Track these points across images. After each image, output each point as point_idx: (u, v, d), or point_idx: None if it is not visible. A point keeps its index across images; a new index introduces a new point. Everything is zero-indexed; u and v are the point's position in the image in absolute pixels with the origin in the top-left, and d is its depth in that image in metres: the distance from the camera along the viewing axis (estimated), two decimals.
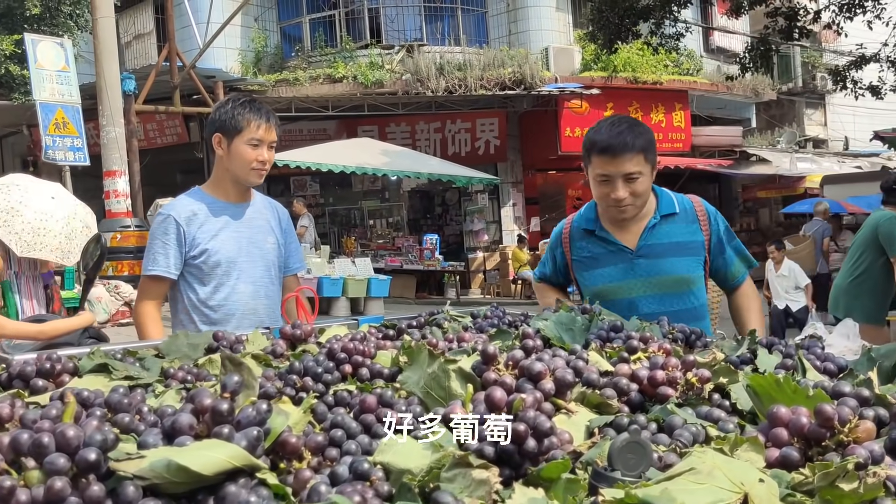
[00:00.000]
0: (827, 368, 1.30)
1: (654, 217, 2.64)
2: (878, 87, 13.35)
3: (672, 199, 2.70)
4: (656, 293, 2.62)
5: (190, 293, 2.79)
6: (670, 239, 2.63)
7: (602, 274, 2.69)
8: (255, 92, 15.57)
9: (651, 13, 12.62)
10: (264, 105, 2.83)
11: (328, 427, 1.02)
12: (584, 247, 2.74)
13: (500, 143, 18.02)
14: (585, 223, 2.76)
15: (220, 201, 2.83)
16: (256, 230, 2.88)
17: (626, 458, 0.87)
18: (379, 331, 1.80)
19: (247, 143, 2.74)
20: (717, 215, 2.73)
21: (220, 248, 2.77)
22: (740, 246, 2.77)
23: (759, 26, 14.90)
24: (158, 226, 2.77)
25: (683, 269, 2.63)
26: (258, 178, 2.81)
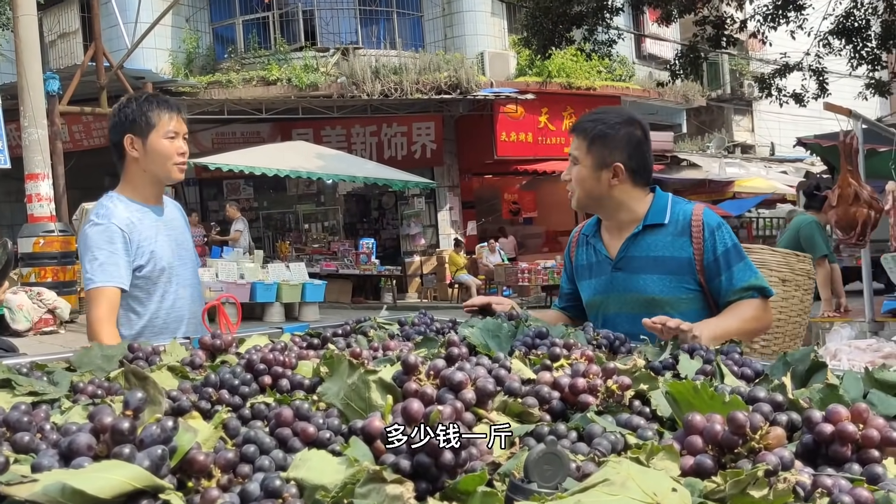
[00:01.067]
0: (744, 373, 1.32)
1: (638, 226, 2.38)
2: (801, 94, 13.81)
3: (666, 207, 2.39)
4: (630, 312, 2.32)
5: (137, 308, 2.62)
6: (649, 253, 2.35)
7: (589, 285, 2.49)
8: (186, 94, 15.28)
9: (584, 20, 12.82)
10: (168, 97, 2.73)
11: (241, 442, 0.99)
12: (582, 254, 2.56)
13: (437, 147, 18.05)
14: (587, 228, 2.57)
15: (145, 206, 2.69)
16: (178, 231, 2.79)
17: (542, 469, 0.86)
18: (303, 339, 1.76)
19: (164, 137, 2.60)
20: (720, 230, 2.32)
21: (162, 253, 2.65)
22: (750, 270, 2.32)
23: (689, 34, 15.27)
24: (100, 234, 2.55)
25: (658, 288, 2.31)
26: (180, 173, 2.68)
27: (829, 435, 0.95)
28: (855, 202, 5.11)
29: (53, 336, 10.10)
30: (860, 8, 13.30)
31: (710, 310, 2.35)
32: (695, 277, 2.31)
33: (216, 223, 16.55)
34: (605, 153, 2.33)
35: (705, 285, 2.32)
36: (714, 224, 2.32)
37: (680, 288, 2.31)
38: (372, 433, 1.02)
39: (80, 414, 1.13)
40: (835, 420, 0.96)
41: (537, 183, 21.48)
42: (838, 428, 0.94)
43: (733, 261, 2.30)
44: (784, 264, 3.57)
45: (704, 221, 2.32)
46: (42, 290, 10.22)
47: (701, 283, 2.32)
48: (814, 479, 0.85)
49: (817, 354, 1.30)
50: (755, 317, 2.27)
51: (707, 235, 2.30)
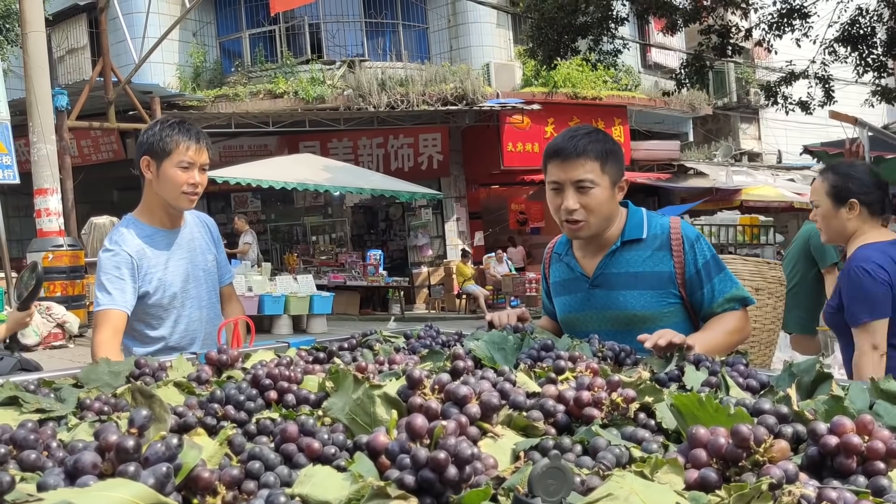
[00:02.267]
0: (749, 385, 1.32)
1: (616, 243, 2.33)
2: (807, 102, 13.78)
3: (643, 222, 2.36)
4: (610, 329, 2.28)
5: (149, 332, 2.67)
6: (628, 269, 2.31)
7: (564, 302, 2.45)
8: (194, 108, 15.35)
9: (589, 30, 12.83)
10: (194, 126, 2.72)
11: (246, 459, 0.99)
12: (556, 271, 2.51)
13: (443, 158, 18.08)
14: (559, 246, 2.53)
15: (159, 230, 2.72)
16: (197, 251, 2.81)
17: (546, 483, 0.86)
18: (309, 354, 1.77)
19: (177, 166, 2.61)
20: (699, 242, 2.32)
21: (173, 279, 2.68)
22: (730, 281, 2.32)
23: (695, 43, 15.28)
24: (109, 261, 2.60)
25: (639, 304, 2.28)
26: (189, 203, 2.69)
27: (834, 447, 0.95)
28: None
29: (63, 350, 10.13)
30: (865, 15, 13.28)
31: (691, 322, 2.34)
32: (675, 291, 2.30)
33: (224, 236, 16.57)
34: (617, 169, 2.28)
35: (686, 298, 2.31)
36: (693, 236, 2.32)
37: (661, 302, 2.28)
38: (376, 448, 1.02)
39: (87, 431, 1.14)
40: (840, 432, 0.95)
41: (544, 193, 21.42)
42: (843, 440, 0.94)
43: (714, 272, 2.29)
44: (756, 273, 3.58)
45: (683, 234, 2.31)
46: (51, 305, 10.26)
47: (681, 296, 2.31)
48: (819, 492, 0.85)
49: (822, 365, 1.30)
50: (737, 328, 2.28)
51: (687, 248, 2.29)
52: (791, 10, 13.28)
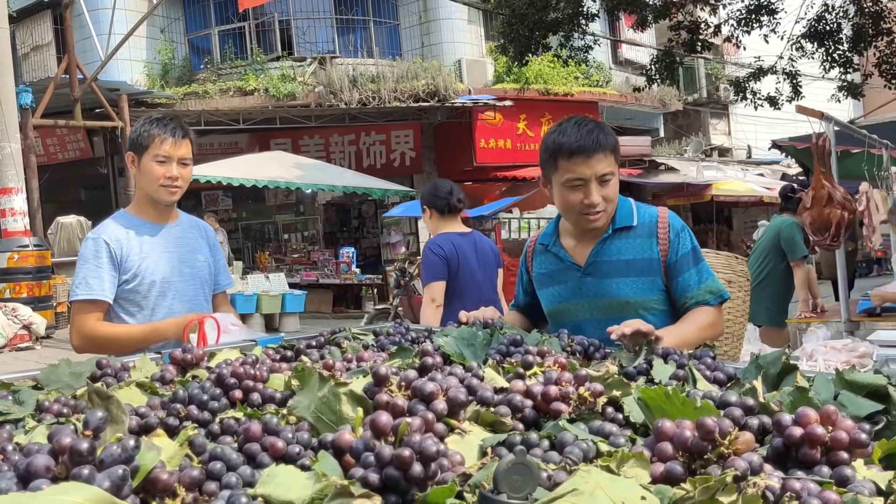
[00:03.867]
0: (716, 378, 1.32)
1: (608, 230, 2.36)
2: (776, 97, 13.94)
3: (632, 211, 2.40)
4: (602, 317, 2.29)
5: (127, 319, 2.74)
6: (619, 256, 2.34)
7: (553, 293, 2.46)
8: (162, 105, 15.19)
9: (560, 26, 12.87)
10: (175, 121, 2.80)
11: (207, 459, 0.97)
12: (541, 262, 2.52)
13: (416, 154, 18.05)
14: (544, 238, 2.54)
15: (146, 223, 2.82)
16: (186, 249, 2.88)
17: (512, 479, 0.86)
18: (276, 352, 1.75)
19: (153, 160, 2.71)
20: (683, 232, 2.37)
21: (154, 268, 2.75)
22: (707, 273, 2.36)
23: (665, 39, 15.38)
24: (88, 249, 2.71)
25: (631, 291, 2.31)
26: (168, 196, 2.77)
27: (798, 438, 0.95)
28: (829, 204, 5.15)
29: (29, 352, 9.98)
30: (831, 12, 13.46)
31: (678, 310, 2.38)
32: (662, 278, 2.34)
33: None
34: (618, 161, 2.33)
35: (666, 283, 2.35)
36: (679, 226, 2.37)
37: (651, 289, 2.32)
38: (341, 447, 1.01)
39: (44, 434, 1.11)
40: (804, 423, 0.96)
41: (517, 189, 21.50)
42: (807, 431, 0.94)
43: (692, 263, 2.33)
44: (727, 266, 3.65)
45: (670, 223, 2.37)
46: (17, 306, 10.10)
47: (665, 284, 2.35)
48: (783, 483, 0.85)
49: (788, 357, 1.30)
50: (711, 323, 2.29)
51: (672, 237, 2.34)
52: (759, 6, 13.43)
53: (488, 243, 4.42)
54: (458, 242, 4.13)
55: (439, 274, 4.06)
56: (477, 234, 4.38)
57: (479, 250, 4.23)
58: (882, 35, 13.05)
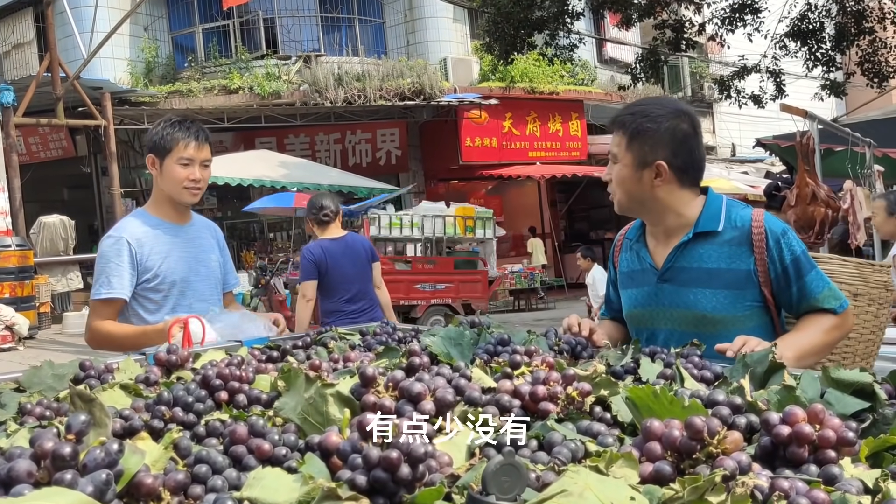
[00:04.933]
0: (704, 376, 1.32)
1: (688, 234, 2.10)
2: (759, 96, 14.03)
3: (720, 212, 2.11)
4: (677, 329, 2.10)
5: (146, 317, 2.77)
6: (700, 264, 2.08)
7: (632, 295, 2.24)
8: (146, 104, 15.09)
9: (545, 25, 12.90)
10: (196, 123, 2.84)
11: (192, 462, 0.96)
12: (625, 260, 2.30)
13: (402, 153, 18.03)
14: (631, 232, 2.31)
15: (165, 222, 2.85)
16: (200, 249, 2.92)
17: (500, 480, 0.85)
18: (262, 353, 1.73)
19: (177, 163, 2.75)
20: (786, 237, 2.05)
21: (174, 268, 2.80)
22: (822, 281, 2.06)
23: (649, 38, 15.44)
24: (110, 248, 2.75)
25: (711, 304, 2.05)
26: (192, 197, 2.81)
27: (786, 437, 0.95)
28: (813, 201, 5.19)
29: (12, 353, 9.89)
30: (814, 11, 13.56)
31: (773, 326, 2.11)
32: (755, 292, 2.06)
33: None
34: (647, 150, 2.05)
35: (771, 299, 2.07)
36: (779, 231, 2.06)
37: (737, 305, 2.05)
38: (328, 448, 1.00)
39: (26, 437, 1.09)
40: (792, 422, 0.96)
41: (503, 188, 21.54)
42: (795, 429, 0.94)
43: (805, 270, 2.04)
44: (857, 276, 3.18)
45: (767, 228, 2.06)
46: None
47: (764, 297, 2.07)
48: (771, 482, 0.85)
49: (775, 355, 1.31)
50: (836, 325, 2.05)
51: (772, 244, 2.04)
52: (743, 5, 13.51)
53: (361, 242, 5.32)
54: (327, 247, 5.00)
55: (310, 274, 4.97)
56: (351, 236, 5.27)
57: (350, 250, 5.10)
58: (864, 34, 13.16)
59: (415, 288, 11.63)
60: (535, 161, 18.59)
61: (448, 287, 12.06)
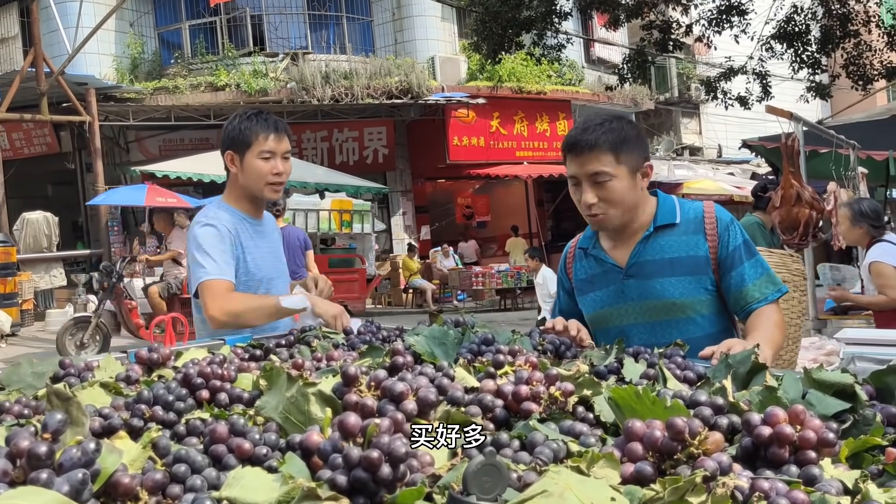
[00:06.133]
0: (686, 377, 1.33)
1: (649, 229, 2.24)
2: (746, 97, 14.10)
3: (675, 207, 2.27)
4: (647, 321, 2.22)
5: None
6: (663, 255, 2.21)
7: (595, 298, 2.32)
8: (131, 100, 14.99)
9: (533, 24, 12.90)
10: (272, 115, 2.76)
11: (171, 462, 0.95)
12: (582, 268, 2.38)
13: (389, 151, 18.01)
14: (584, 241, 2.40)
15: (248, 217, 2.77)
16: (276, 245, 2.90)
17: (481, 481, 0.85)
18: (245, 351, 1.73)
19: (258, 157, 2.67)
20: (733, 225, 2.24)
21: (261, 264, 2.74)
22: (763, 265, 2.23)
23: (637, 39, 15.49)
24: (209, 233, 2.61)
25: (677, 291, 2.19)
26: (274, 193, 2.75)
27: (767, 437, 0.95)
28: (797, 203, 5.21)
29: None
30: (800, 13, 13.64)
31: (726, 311, 2.27)
32: (711, 277, 2.21)
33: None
34: (635, 156, 2.17)
35: (718, 281, 2.22)
36: (727, 219, 2.25)
37: (699, 289, 2.20)
38: (309, 448, 0.99)
39: (3, 436, 1.08)
40: (773, 422, 0.96)
41: (490, 187, 21.57)
42: (776, 430, 0.95)
43: (745, 256, 2.21)
44: (781, 265, 3.41)
45: (718, 216, 2.24)
46: None
47: (717, 283, 2.22)
48: (752, 483, 0.85)
49: (758, 356, 1.31)
50: (781, 321, 2.19)
51: (721, 230, 2.22)
52: (729, 6, 13.57)
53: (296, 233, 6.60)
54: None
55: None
56: (288, 228, 6.32)
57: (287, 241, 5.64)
58: (849, 37, 13.24)
59: None
60: (522, 161, 18.61)
61: None
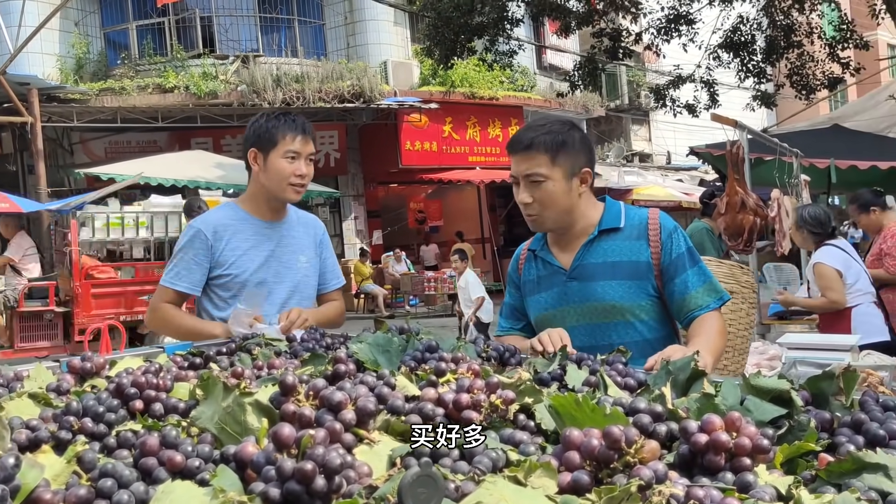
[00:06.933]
0: (627, 384, 1.33)
1: (593, 232, 2.27)
2: (694, 105, 14.36)
3: (620, 212, 2.30)
4: (588, 323, 2.24)
5: (214, 313, 2.70)
6: (606, 258, 2.24)
7: (540, 300, 2.35)
8: (76, 101, 14.66)
9: (485, 30, 12.97)
10: (300, 117, 2.74)
11: (97, 476, 0.92)
12: (530, 269, 2.41)
13: (341, 156, 17.90)
14: (534, 243, 2.43)
15: (253, 217, 2.74)
16: (287, 249, 2.78)
17: (416, 492, 0.84)
18: (184, 359, 1.68)
19: (283, 157, 2.65)
20: (677, 232, 2.27)
21: (248, 266, 2.69)
22: (706, 273, 2.26)
23: (588, 46, 15.66)
24: (186, 239, 2.68)
25: (618, 295, 2.21)
26: (296, 195, 2.71)
27: (703, 445, 0.96)
28: (742, 209, 5.31)
29: None
30: (746, 23, 13.94)
31: (668, 317, 2.30)
32: (653, 282, 2.24)
33: None
34: (572, 161, 2.21)
35: (661, 287, 2.25)
36: (671, 227, 2.27)
37: (640, 294, 2.22)
38: (244, 460, 0.97)
39: None
40: (709, 429, 0.96)
41: (443, 192, 21.58)
42: (712, 437, 0.95)
43: (689, 264, 2.23)
44: (730, 276, 3.46)
45: (661, 224, 2.27)
46: None
47: (659, 289, 2.25)
48: (687, 491, 0.85)
49: (698, 363, 1.32)
50: (722, 329, 2.22)
51: (664, 238, 2.24)
52: (678, 16, 13.81)
53: None
54: None
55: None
56: None
57: None
58: (793, 47, 13.58)
59: (141, 300, 9.17)
60: (474, 166, 18.66)
61: None
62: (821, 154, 8.26)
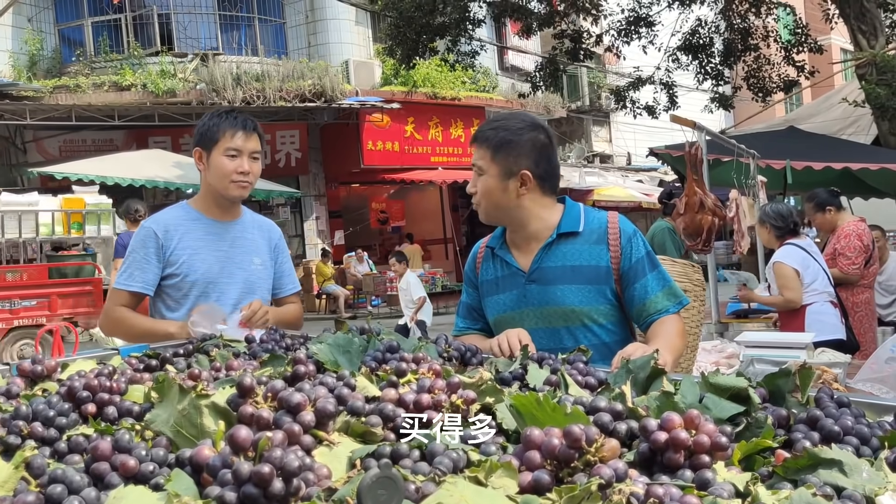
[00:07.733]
0: (588, 383, 1.33)
1: (552, 235, 2.26)
2: (653, 106, 14.53)
3: (580, 216, 2.29)
4: (546, 326, 2.23)
5: (166, 314, 2.69)
6: (564, 262, 2.23)
7: (498, 301, 2.33)
8: (29, 98, 14.35)
9: (447, 31, 12.99)
10: (244, 114, 2.73)
11: (46, 482, 0.89)
12: (488, 268, 2.38)
13: (302, 155, 17.78)
14: (492, 240, 2.41)
15: (204, 217, 2.74)
16: (240, 249, 2.77)
17: (376, 494, 0.83)
18: (140, 361, 1.65)
19: (224, 154, 2.64)
20: (636, 237, 2.27)
21: (199, 265, 2.68)
22: (665, 277, 2.27)
23: (549, 47, 15.76)
24: (138, 239, 2.68)
25: (576, 299, 2.21)
26: (239, 191, 2.69)
27: (663, 443, 0.96)
28: (700, 210, 5.37)
29: None
30: (704, 26, 14.15)
31: (627, 322, 2.30)
32: (612, 287, 2.23)
33: None
34: (511, 161, 2.21)
35: (620, 292, 2.24)
36: (630, 231, 2.27)
37: (598, 298, 2.22)
38: (199, 463, 0.95)
39: None
40: (668, 427, 0.97)
41: (405, 192, 21.54)
42: (671, 435, 0.95)
43: (648, 268, 2.24)
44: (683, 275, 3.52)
45: (621, 228, 2.26)
46: None
47: (618, 293, 2.24)
48: (647, 489, 0.85)
49: (657, 361, 1.33)
50: (681, 330, 2.23)
51: (624, 242, 2.24)
52: (638, 18, 13.98)
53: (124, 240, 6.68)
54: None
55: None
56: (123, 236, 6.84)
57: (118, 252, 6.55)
58: (749, 50, 13.82)
59: None
60: (437, 166, 18.67)
61: (41, 303, 9.03)
62: (777, 155, 8.40)
